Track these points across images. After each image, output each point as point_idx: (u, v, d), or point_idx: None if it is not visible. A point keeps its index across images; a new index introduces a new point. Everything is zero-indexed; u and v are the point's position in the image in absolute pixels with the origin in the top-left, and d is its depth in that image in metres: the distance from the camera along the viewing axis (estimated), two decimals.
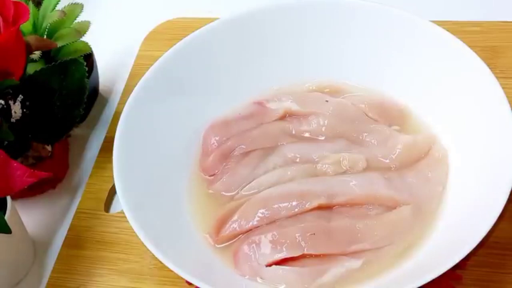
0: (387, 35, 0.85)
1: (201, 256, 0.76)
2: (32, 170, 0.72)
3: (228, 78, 0.88)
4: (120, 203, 0.74)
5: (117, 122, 0.80)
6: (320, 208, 0.76)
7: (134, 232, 0.71)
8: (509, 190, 0.69)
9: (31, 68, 0.86)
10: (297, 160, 0.81)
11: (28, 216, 0.83)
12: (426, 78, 0.82)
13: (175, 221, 0.78)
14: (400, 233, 0.74)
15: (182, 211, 0.79)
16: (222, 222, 0.77)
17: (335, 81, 0.88)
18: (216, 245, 0.77)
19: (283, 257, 0.73)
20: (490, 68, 0.77)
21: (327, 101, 0.84)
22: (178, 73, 0.85)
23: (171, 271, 0.68)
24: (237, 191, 0.80)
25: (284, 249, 0.73)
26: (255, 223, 0.76)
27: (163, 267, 0.69)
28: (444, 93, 0.81)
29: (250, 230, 0.76)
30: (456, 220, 0.73)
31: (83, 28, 0.90)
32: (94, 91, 0.97)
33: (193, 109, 0.85)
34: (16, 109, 0.83)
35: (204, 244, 0.77)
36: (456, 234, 0.71)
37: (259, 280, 0.73)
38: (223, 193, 0.81)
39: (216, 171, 0.82)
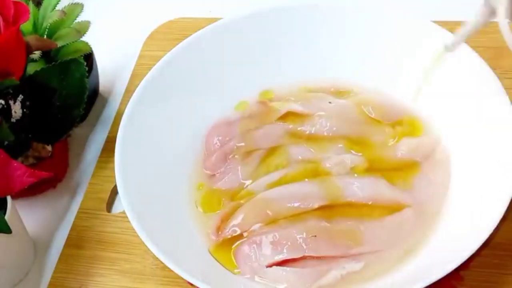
0: (390, 36, 0.85)
1: (202, 256, 0.76)
2: (32, 170, 0.72)
3: (231, 78, 0.88)
4: (122, 203, 0.73)
5: (119, 122, 0.80)
6: (322, 209, 0.76)
7: (136, 232, 0.71)
8: None
9: (31, 68, 0.85)
10: (300, 160, 0.81)
11: (28, 215, 0.82)
12: (429, 79, 0.82)
13: (177, 221, 0.78)
14: (401, 235, 0.74)
15: (183, 211, 0.79)
16: (223, 222, 0.77)
17: (339, 81, 0.88)
18: (217, 245, 0.76)
19: (283, 258, 0.73)
20: (493, 69, 0.77)
21: (330, 102, 0.85)
22: (180, 73, 0.85)
23: (173, 271, 0.68)
24: (239, 191, 0.80)
25: (285, 250, 0.73)
26: (256, 223, 0.76)
27: (165, 267, 0.69)
28: (447, 94, 0.81)
29: (252, 230, 0.76)
30: (458, 222, 0.73)
31: (83, 28, 0.90)
32: (94, 91, 0.97)
33: (196, 109, 0.86)
34: (16, 109, 0.82)
35: (205, 244, 0.77)
36: (458, 236, 0.71)
37: (259, 280, 0.73)
38: (225, 193, 0.80)
39: (218, 170, 0.82)
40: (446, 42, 0.72)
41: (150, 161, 0.80)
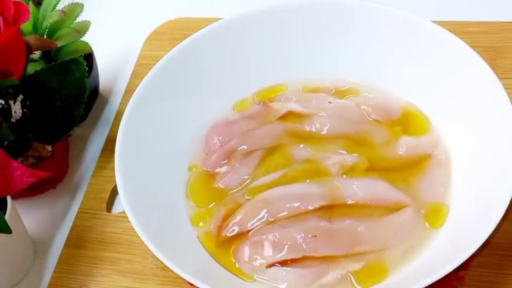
0: (391, 36, 0.85)
1: (202, 256, 0.75)
2: (32, 170, 0.72)
3: (231, 78, 0.88)
4: (122, 203, 0.73)
5: (119, 122, 0.80)
6: (322, 209, 0.76)
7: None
8: None
9: (31, 68, 0.85)
10: (300, 160, 0.81)
11: (28, 215, 0.83)
12: (429, 79, 0.82)
13: (177, 221, 0.78)
14: (401, 235, 0.74)
15: (183, 211, 0.79)
16: (223, 222, 0.77)
17: (340, 81, 0.88)
18: (217, 245, 0.76)
19: (283, 258, 0.73)
20: (492, 69, 0.77)
21: (330, 102, 0.85)
22: (180, 73, 0.85)
23: (173, 271, 0.68)
24: (239, 191, 0.80)
25: (285, 250, 0.73)
26: (256, 223, 0.76)
27: (165, 267, 0.69)
28: (447, 94, 0.81)
29: (251, 230, 0.76)
30: (458, 222, 0.73)
31: (83, 28, 0.90)
32: (94, 91, 0.96)
33: (196, 109, 0.86)
34: (16, 109, 0.83)
35: (205, 244, 0.76)
36: (458, 236, 0.71)
37: (259, 280, 0.73)
38: (225, 193, 0.80)
39: (218, 171, 0.82)
40: None
41: (150, 161, 0.80)
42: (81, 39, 0.89)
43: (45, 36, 0.88)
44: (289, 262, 0.73)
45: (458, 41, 0.80)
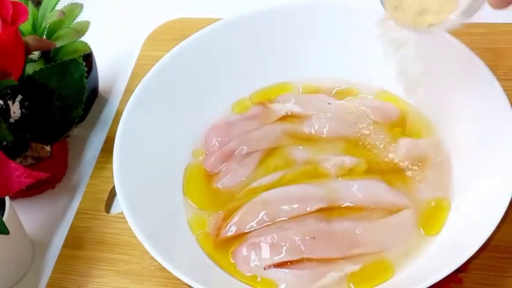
0: None
1: (200, 258, 0.75)
2: (30, 171, 0.72)
3: (230, 79, 0.88)
4: (120, 204, 0.73)
5: (119, 122, 0.80)
6: (320, 211, 0.76)
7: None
8: (511, 193, 0.69)
9: (30, 68, 0.85)
10: (299, 161, 0.81)
11: (26, 216, 0.82)
12: (428, 81, 0.82)
13: (175, 222, 0.78)
14: (400, 237, 0.74)
15: (182, 212, 0.79)
16: (222, 224, 0.77)
17: (340, 81, 0.88)
18: (216, 247, 0.76)
19: (282, 260, 0.73)
20: (492, 70, 0.77)
21: (329, 103, 0.85)
22: (179, 73, 0.85)
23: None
24: (237, 192, 0.80)
25: (283, 252, 0.73)
26: (255, 225, 0.76)
27: (164, 268, 0.69)
28: (446, 96, 0.81)
29: (250, 231, 0.76)
30: (457, 224, 0.73)
31: (83, 28, 0.89)
32: (94, 91, 0.96)
33: (195, 109, 0.86)
34: (15, 109, 0.82)
35: (203, 245, 0.76)
36: (457, 238, 0.71)
37: (257, 281, 0.73)
38: (224, 194, 0.80)
39: (217, 172, 0.82)
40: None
41: (149, 162, 0.80)
42: (80, 39, 0.89)
43: (44, 36, 0.88)
44: (287, 264, 0.73)
45: (457, 42, 0.80)
